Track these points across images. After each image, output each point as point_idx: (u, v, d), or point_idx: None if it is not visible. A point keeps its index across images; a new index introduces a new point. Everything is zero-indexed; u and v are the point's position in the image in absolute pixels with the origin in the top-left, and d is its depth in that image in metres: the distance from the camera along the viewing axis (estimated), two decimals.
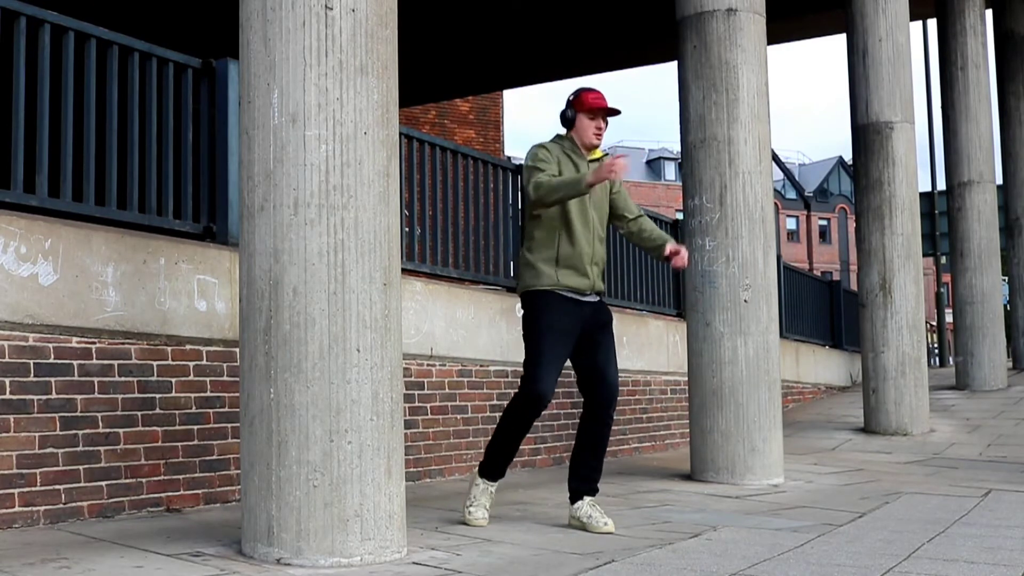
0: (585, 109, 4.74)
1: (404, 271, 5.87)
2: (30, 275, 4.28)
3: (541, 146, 4.79)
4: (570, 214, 4.67)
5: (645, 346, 8.92)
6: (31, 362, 4.28)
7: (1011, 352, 14.81)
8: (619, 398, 8.36)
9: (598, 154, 4.85)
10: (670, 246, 4.82)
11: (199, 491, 4.94)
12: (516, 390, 4.70)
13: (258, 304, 3.76)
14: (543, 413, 5.00)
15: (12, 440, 4.19)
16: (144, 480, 4.69)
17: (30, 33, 4.52)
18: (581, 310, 4.70)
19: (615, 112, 4.77)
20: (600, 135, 4.78)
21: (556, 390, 4.89)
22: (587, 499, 4.68)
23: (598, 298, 4.80)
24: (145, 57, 5.03)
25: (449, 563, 3.75)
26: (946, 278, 24.13)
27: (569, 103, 4.79)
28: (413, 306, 6.25)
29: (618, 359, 8.37)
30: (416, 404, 6.28)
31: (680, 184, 32.46)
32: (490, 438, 4.85)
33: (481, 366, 6.85)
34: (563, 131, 4.85)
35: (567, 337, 4.66)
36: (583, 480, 4.72)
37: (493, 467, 4.80)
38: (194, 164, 5.25)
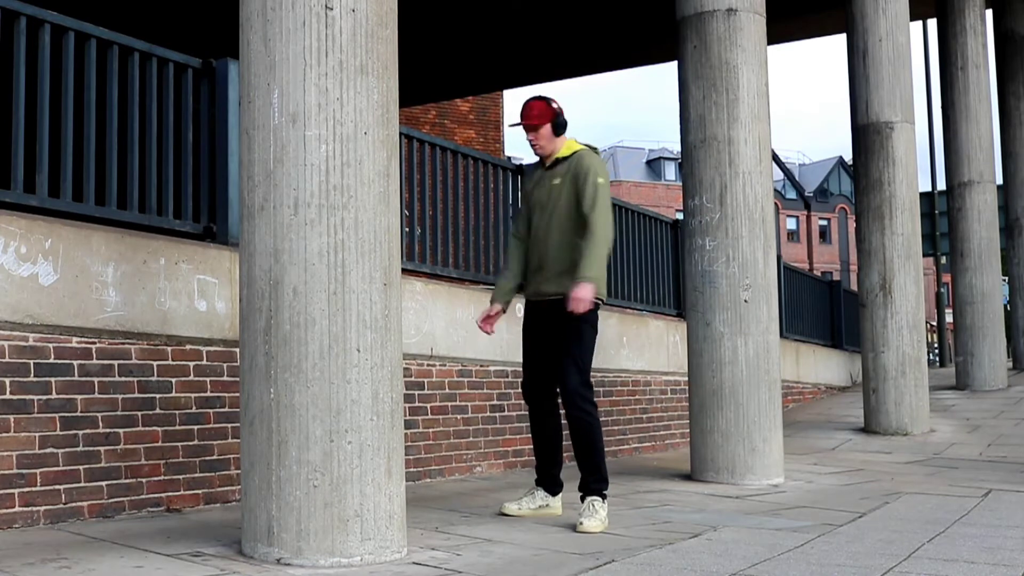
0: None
1: (404, 271, 5.87)
2: (30, 275, 4.28)
3: (526, 171, 5.17)
4: (530, 232, 4.99)
5: (645, 346, 8.92)
6: (31, 362, 4.28)
7: (1011, 352, 14.80)
8: (619, 398, 8.43)
9: (565, 152, 4.89)
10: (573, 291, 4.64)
11: (199, 491, 4.94)
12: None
13: (258, 304, 3.76)
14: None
15: (12, 440, 4.19)
16: (144, 480, 4.69)
17: (30, 33, 4.52)
18: (538, 311, 4.95)
19: (523, 124, 4.87)
20: (533, 146, 4.93)
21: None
22: (586, 498, 4.75)
23: (555, 298, 4.82)
24: (145, 57, 5.03)
25: (449, 563, 3.75)
26: (946, 278, 24.11)
27: None
28: (413, 306, 6.25)
29: (618, 359, 8.42)
30: (416, 404, 6.28)
31: (680, 184, 32.45)
32: None
33: (481, 366, 6.85)
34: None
35: (536, 339, 4.97)
36: (580, 481, 4.82)
37: (535, 467, 5.14)
38: (194, 164, 5.24)
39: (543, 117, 4.84)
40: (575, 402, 4.73)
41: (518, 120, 4.93)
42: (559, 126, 4.86)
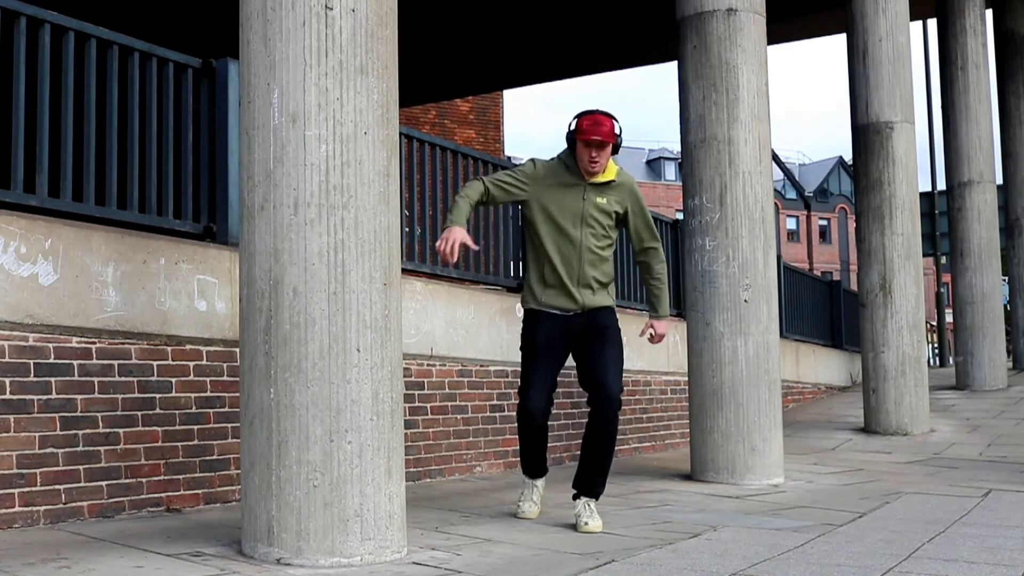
0: (580, 137, 4.68)
1: (404, 271, 5.87)
2: (30, 275, 4.28)
3: (533, 161, 4.91)
4: (550, 240, 4.77)
5: (645, 346, 8.91)
6: (31, 362, 4.28)
7: (1011, 352, 14.80)
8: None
9: (610, 175, 4.80)
10: (651, 321, 5.07)
11: (199, 491, 4.94)
12: (517, 390, 4.78)
13: (258, 304, 3.76)
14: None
15: (12, 440, 4.19)
16: (144, 480, 4.69)
17: (30, 33, 4.52)
18: (569, 323, 4.80)
19: (611, 143, 4.66)
20: (596, 163, 4.70)
21: (557, 390, 4.92)
22: (583, 499, 4.72)
23: (594, 308, 4.81)
24: (145, 57, 5.03)
25: (449, 563, 3.75)
26: (946, 278, 24.12)
27: (569, 126, 4.77)
28: (413, 306, 6.25)
29: None
30: (416, 404, 6.28)
31: (680, 184, 32.45)
32: None
33: (481, 366, 6.85)
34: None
35: (553, 351, 4.81)
36: (581, 483, 4.78)
37: (524, 466, 5.04)
38: (194, 164, 5.24)
39: (612, 137, 4.68)
40: (615, 410, 4.70)
41: (586, 133, 4.64)
42: (616, 148, 4.76)
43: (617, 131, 4.72)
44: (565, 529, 4.62)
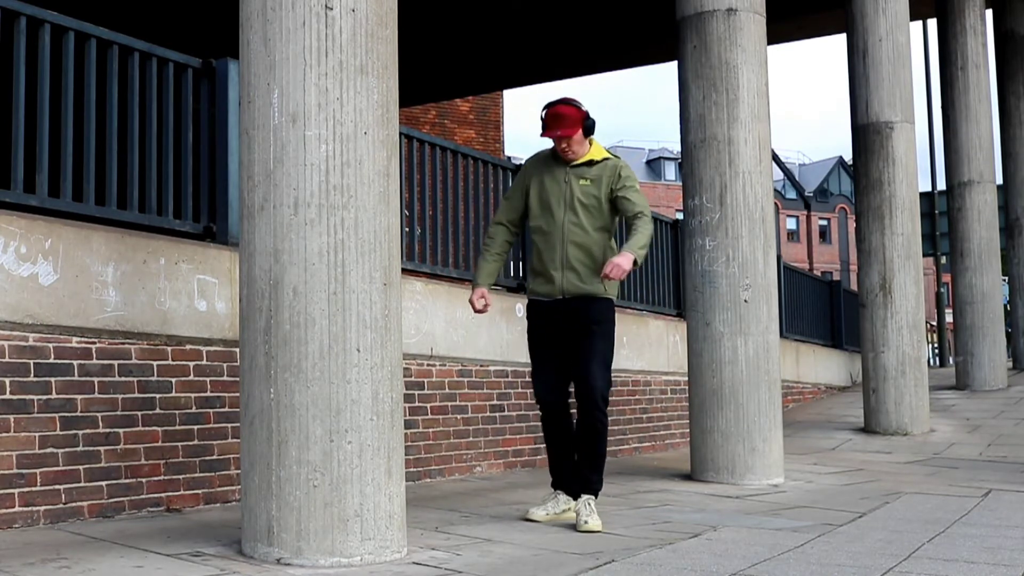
0: (542, 134, 4.77)
1: (404, 271, 5.87)
2: (30, 275, 4.28)
3: (528, 160, 5.01)
4: (535, 227, 4.84)
5: (645, 346, 8.92)
6: (31, 362, 4.28)
7: (1011, 352, 14.80)
8: (619, 398, 8.43)
9: (592, 156, 4.81)
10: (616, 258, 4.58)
11: (199, 491, 4.94)
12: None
13: (258, 304, 3.76)
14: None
15: (12, 440, 4.19)
16: (144, 480, 4.69)
17: (30, 33, 4.52)
18: (555, 310, 4.80)
19: (559, 135, 4.67)
20: (566, 152, 4.77)
21: None
22: (582, 497, 4.71)
23: (585, 296, 4.76)
24: (145, 57, 5.03)
25: (449, 563, 3.75)
26: (946, 278, 24.11)
27: (540, 116, 4.82)
28: (413, 306, 6.25)
29: (618, 359, 8.41)
30: (416, 404, 6.28)
31: (680, 184, 32.46)
32: None
33: (481, 366, 6.85)
34: None
35: (547, 340, 4.84)
36: (576, 480, 4.79)
37: (551, 471, 5.00)
38: (194, 164, 5.25)
39: (576, 124, 4.69)
40: (600, 405, 4.69)
41: (548, 129, 4.70)
42: (588, 129, 4.74)
43: (583, 112, 4.72)
44: (565, 529, 4.62)
